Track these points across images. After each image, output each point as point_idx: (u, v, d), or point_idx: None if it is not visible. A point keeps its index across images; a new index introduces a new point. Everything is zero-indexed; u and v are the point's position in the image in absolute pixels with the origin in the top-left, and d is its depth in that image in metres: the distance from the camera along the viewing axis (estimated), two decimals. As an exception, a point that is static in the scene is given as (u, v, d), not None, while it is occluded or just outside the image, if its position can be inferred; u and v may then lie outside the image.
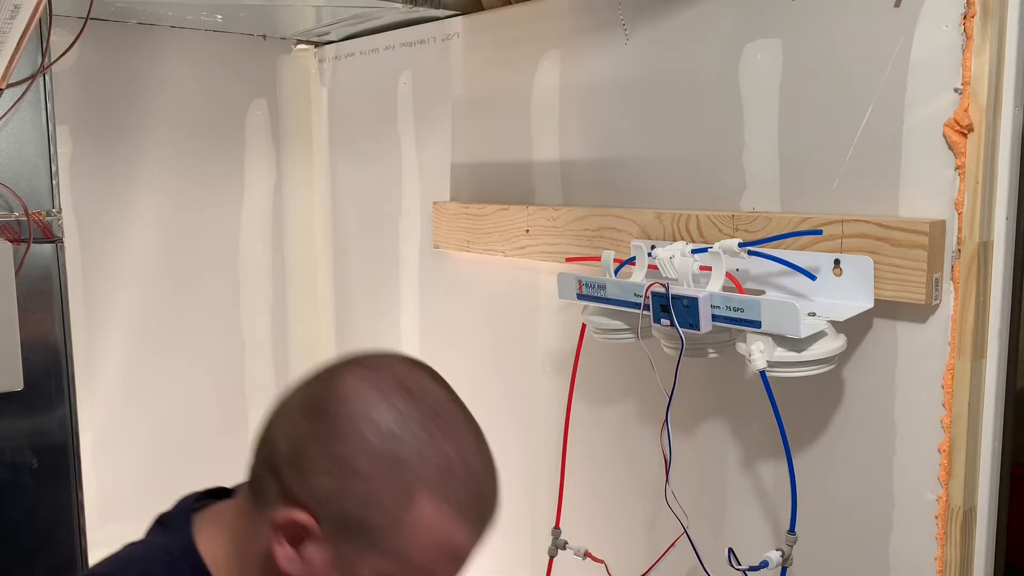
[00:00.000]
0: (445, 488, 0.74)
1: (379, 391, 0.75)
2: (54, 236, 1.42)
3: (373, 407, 0.74)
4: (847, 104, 1.11)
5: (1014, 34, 1.00)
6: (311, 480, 0.73)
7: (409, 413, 0.75)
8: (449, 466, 0.74)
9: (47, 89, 1.42)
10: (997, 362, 1.05)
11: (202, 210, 1.98)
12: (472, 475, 0.76)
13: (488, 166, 1.66)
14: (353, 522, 0.73)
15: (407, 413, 0.74)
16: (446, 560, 0.76)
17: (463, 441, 0.77)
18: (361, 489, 0.73)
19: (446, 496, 0.74)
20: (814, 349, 1.03)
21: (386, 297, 1.96)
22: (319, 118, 2.13)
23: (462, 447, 0.76)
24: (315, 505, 0.73)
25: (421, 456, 0.73)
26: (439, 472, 0.74)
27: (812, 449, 1.18)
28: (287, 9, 1.80)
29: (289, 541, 0.75)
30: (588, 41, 1.45)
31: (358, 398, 0.75)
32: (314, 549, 0.74)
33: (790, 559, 1.13)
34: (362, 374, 0.77)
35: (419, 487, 0.73)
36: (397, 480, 0.73)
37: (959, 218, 1.02)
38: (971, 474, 1.05)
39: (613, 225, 1.35)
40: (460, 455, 0.75)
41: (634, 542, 1.43)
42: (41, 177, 1.43)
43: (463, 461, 0.76)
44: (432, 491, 0.73)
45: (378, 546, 0.74)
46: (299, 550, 0.75)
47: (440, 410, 0.77)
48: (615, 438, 1.46)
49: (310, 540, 0.74)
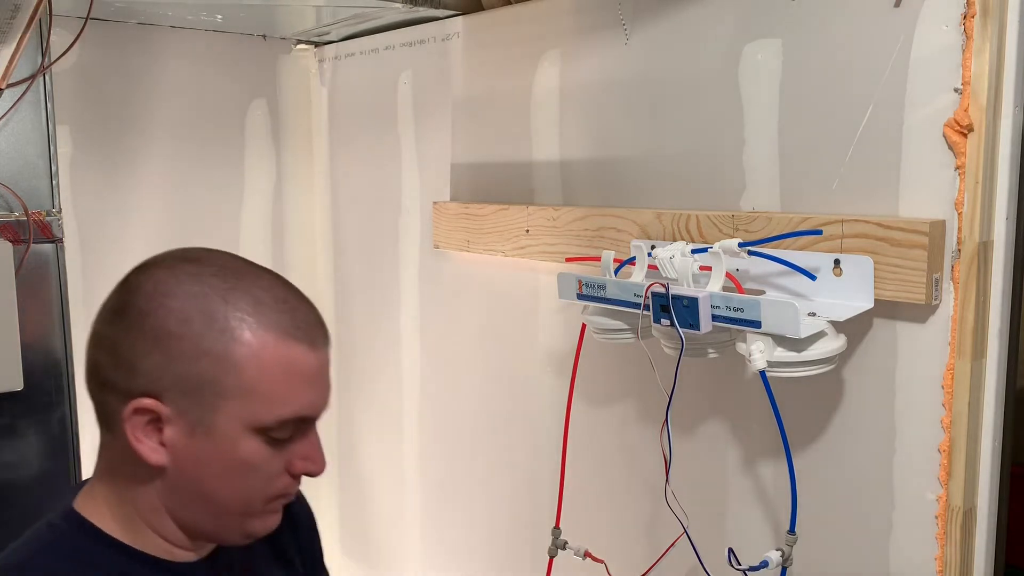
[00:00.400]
0: (260, 317, 0.76)
1: (165, 268, 0.78)
2: (54, 236, 1.42)
3: (164, 281, 0.77)
4: (847, 104, 1.11)
5: (1014, 34, 1.00)
6: (138, 367, 0.75)
7: (200, 272, 0.77)
8: (256, 298, 0.77)
9: (47, 89, 1.42)
10: (997, 362, 1.05)
11: (202, 210, 1.98)
12: (280, 299, 0.79)
13: (488, 166, 1.66)
14: (191, 382, 0.75)
15: (199, 273, 0.77)
16: (292, 378, 0.78)
17: (261, 278, 0.80)
18: (185, 348, 0.75)
19: (264, 324, 0.76)
20: (814, 349, 1.03)
21: (386, 297, 1.96)
22: (319, 118, 2.13)
23: (262, 283, 0.79)
24: (152, 386, 0.75)
25: (226, 299, 0.76)
26: (249, 306, 0.76)
27: (812, 449, 1.18)
28: (287, 9, 1.80)
29: (146, 434, 0.76)
30: (588, 41, 1.45)
31: (148, 282, 0.77)
32: (171, 430, 0.76)
33: (790, 559, 1.13)
34: (143, 267, 0.80)
35: (236, 324, 0.76)
36: (213, 326, 0.75)
37: (959, 218, 1.02)
38: (971, 474, 1.05)
39: (613, 225, 1.35)
40: (263, 288, 0.78)
41: (634, 542, 1.43)
42: (41, 177, 1.43)
43: (268, 292, 0.78)
44: (249, 324, 0.76)
45: (224, 394, 0.76)
46: (160, 439, 0.77)
47: (229, 263, 0.80)
48: (615, 438, 1.46)
49: (164, 423, 0.76)
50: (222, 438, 0.76)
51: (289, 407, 0.78)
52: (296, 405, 0.78)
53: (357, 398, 2.12)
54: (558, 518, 1.39)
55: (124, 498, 0.81)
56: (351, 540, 2.23)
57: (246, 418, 0.76)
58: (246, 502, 0.80)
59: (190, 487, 0.78)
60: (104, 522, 0.81)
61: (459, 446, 1.81)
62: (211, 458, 0.77)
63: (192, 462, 0.77)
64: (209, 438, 0.76)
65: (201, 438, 0.76)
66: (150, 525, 0.81)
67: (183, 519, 0.81)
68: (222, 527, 0.82)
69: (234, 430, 0.76)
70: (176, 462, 0.77)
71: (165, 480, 0.78)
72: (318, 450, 0.83)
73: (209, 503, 0.79)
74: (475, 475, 1.78)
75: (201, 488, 0.78)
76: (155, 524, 0.81)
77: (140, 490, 0.80)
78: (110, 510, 0.81)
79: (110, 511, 0.81)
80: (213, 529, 0.82)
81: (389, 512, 2.05)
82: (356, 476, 2.15)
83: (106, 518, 0.81)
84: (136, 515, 0.80)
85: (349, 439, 2.16)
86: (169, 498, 0.79)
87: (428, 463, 1.91)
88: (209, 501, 0.79)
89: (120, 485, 0.81)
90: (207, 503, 0.80)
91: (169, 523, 0.81)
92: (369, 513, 2.14)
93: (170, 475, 0.78)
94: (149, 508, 0.80)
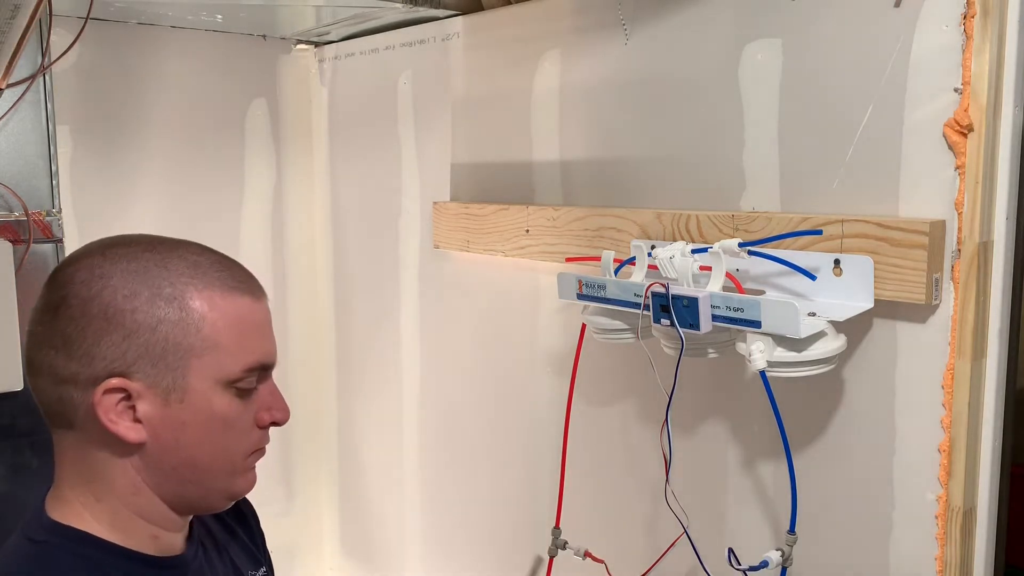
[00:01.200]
0: (202, 278, 0.79)
1: (96, 255, 0.79)
2: (54, 236, 1.42)
3: (99, 266, 0.78)
4: (847, 104, 1.11)
5: (1014, 34, 1.00)
6: (95, 352, 0.76)
7: (132, 251, 0.79)
8: (193, 263, 0.80)
9: (47, 89, 1.42)
10: (997, 362, 1.04)
11: (202, 210, 1.98)
12: (215, 260, 0.82)
13: (488, 166, 1.66)
14: (155, 351, 0.76)
15: (130, 252, 0.79)
16: (246, 329, 0.81)
17: (191, 246, 0.83)
18: (139, 320, 0.76)
19: (207, 283, 0.79)
20: (814, 349, 1.03)
21: (386, 297, 1.96)
22: (319, 118, 2.13)
23: (193, 248, 0.82)
24: (115, 366, 0.76)
25: (166, 267, 0.78)
26: (189, 269, 0.79)
27: (812, 449, 1.18)
28: (287, 9, 1.80)
29: (119, 415, 0.77)
30: (588, 41, 1.45)
31: (81, 271, 0.78)
32: (144, 404, 0.77)
33: (790, 559, 1.13)
34: (69, 261, 0.80)
35: (182, 288, 0.78)
36: (161, 294, 0.77)
37: (959, 218, 1.02)
38: (971, 474, 1.05)
39: (613, 225, 1.35)
40: (196, 253, 0.81)
41: (634, 542, 1.43)
42: (41, 177, 1.43)
43: (202, 256, 0.81)
44: (195, 285, 0.78)
45: (190, 353, 0.77)
46: (134, 416, 0.77)
47: (156, 239, 0.82)
48: (615, 438, 1.46)
49: (135, 399, 0.77)
50: (197, 398, 0.78)
51: (251, 355, 0.81)
52: (256, 353, 0.81)
53: (357, 398, 2.12)
54: (558, 518, 1.39)
55: (101, 493, 0.80)
56: (351, 540, 2.23)
57: (215, 373, 0.78)
58: (228, 459, 0.82)
59: (172, 456, 0.79)
60: (89, 525, 0.80)
61: (459, 446, 1.81)
62: (189, 421, 0.78)
63: (171, 430, 0.78)
64: (184, 402, 0.78)
65: (176, 404, 0.77)
66: (134, 510, 0.80)
67: (168, 492, 0.81)
68: (208, 491, 0.83)
69: (206, 387, 0.78)
70: (155, 434, 0.78)
71: (144, 457, 0.79)
72: (280, 398, 0.86)
73: (194, 468, 0.80)
74: (475, 475, 1.78)
75: (184, 455, 0.79)
76: (139, 507, 0.80)
77: (117, 477, 0.79)
78: (89, 511, 0.80)
79: (90, 512, 0.80)
80: (199, 495, 0.83)
81: (389, 512, 2.05)
82: (356, 476, 2.16)
83: (88, 520, 0.80)
84: (120, 506, 0.80)
85: (349, 439, 2.16)
86: (151, 475, 0.79)
87: (428, 463, 1.91)
88: (193, 466, 0.80)
89: (93, 482, 0.80)
90: (191, 468, 0.80)
91: (154, 501, 0.81)
92: (369, 513, 2.14)
93: (150, 450, 0.78)
94: (131, 492, 0.80)
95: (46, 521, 0.80)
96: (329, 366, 2.21)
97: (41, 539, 0.79)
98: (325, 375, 2.22)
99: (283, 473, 2.20)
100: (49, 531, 0.80)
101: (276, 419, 0.85)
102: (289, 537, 2.23)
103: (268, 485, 2.05)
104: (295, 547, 2.25)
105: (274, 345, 0.85)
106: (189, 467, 0.80)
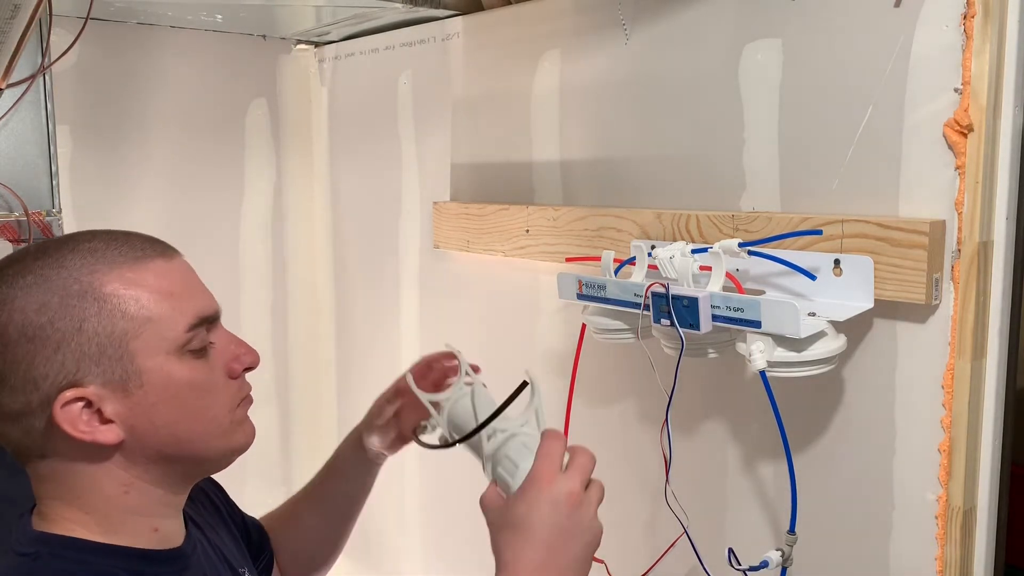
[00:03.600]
0: (104, 261, 0.77)
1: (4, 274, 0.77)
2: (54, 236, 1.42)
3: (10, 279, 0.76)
4: (847, 104, 1.11)
5: (1014, 34, 1.00)
6: (36, 376, 0.74)
7: (21, 267, 0.77)
8: (88, 250, 0.78)
9: (47, 89, 1.42)
10: (997, 362, 1.04)
11: (202, 210, 1.98)
12: (109, 238, 0.80)
13: (488, 166, 1.66)
14: (92, 351, 0.75)
15: (20, 269, 0.77)
16: (168, 290, 0.79)
17: (78, 236, 0.81)
18: (62, 328, 0.74)
19: (111, 264, 0.77)
20: (814, 349, 1.03)
21: (386, 297, 1.96)
22: (319, 118, 2.13)
23: (82, 237, 0.80)
24: (60, 379, 0.74)
25: (63, 267, 0.76)
26: (87, 257, 0.77)
27: (812, 449, 1.18)
28: (287, 9, 1.80)
29: (88, 423, 0.75)
30: (588, 41, 1.45)
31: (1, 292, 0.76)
32: (107, 403, 0.76)
33: (790, 559, 1.13)
34: None
35: (89, 280, 0.76)
36: (71, 294, 0.75)
37: (959, 218, 1.02)
38: (971, 474, 1.05)
39: (613, 225, 1.35)
40: (88, 240, 0.79)
41: (634, 542, 1.43)
42: (41, 177, 1.43)
43: (93, 240, 0.79)
44: (100, 271, 0.77)
45: (124, 339, 0.76)
46: (101, 419, 0.76)
47: (42, 246, 0.80)
48: (615, 438, 1.46)
49: (97, 402, 0.75)
50: (155, 377, 0.77)
51: (187, 315, 0.79)
52: (191, 310, 0.79)
53: (357, 398, 2.12)
54: (558, 518, 1.38)
55: (89, 506, 0.78)
56: (351, 540, 2.22)
57: (160, 345, 0.77)
58: (214, 421, 0.81)
59: (155, 441, 0.78)
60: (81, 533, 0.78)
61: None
62: (158, 402, 0.77)
63: (145, 417, 0.77)
64: (145, 386, 0.76)
65: (137, 391, 0.76)
66: (129, 508, 0.79)
67: (161, 475, 0.80)
68: (205, 457, 0.82)
69: (160, 363, 0.77)
70: (131, 428, 0.76)
71: (126, 453, 0.78)
72: (242, 343, 0.84)
73: (180, 443, 0.79)
74: (475, 475, 1.77)
75: (167, 434, 0.78)
76: (133, 504, 0.79)
77: (104, 484, 0.78)
78: (78, 523, 0.78)
79: (79, 523, 0.78)
80: (196, 463, 0.82)
81: (389, 512, 2.05)
82: (356, 476, 2.15)
83: (79, 530, 0.78)
84: (111, 511, 0.78)
85: (349, 439, 2.16)
86: (138, 467, 0.78)
87: (428, 463, 1.91)
88: (179, 441, 0.79)
89: (79, 498, 0.78)
90: (178, 444, 0.79)
91: (148, 492, 0.80)
92: (369, 513, 2.14)
93: (130, 444, 0.77)
94: (121, 492, 0.78)
95: (33, 533, 0.78)
96: (329, 366, 2.21)
97: (30, 551, 0.77)
98: (325, 375, 2.22)
99: (283, 473, 2.20)
100: (38, 542, 0.78)
101: (247, 363, 0.83)
102: (289, 537, 2.23)
103: (268, 485, 2.05)
104: (295, 547, 2.25)
105: (209, 296, 0.82)
106: (175, 444, 0.79)
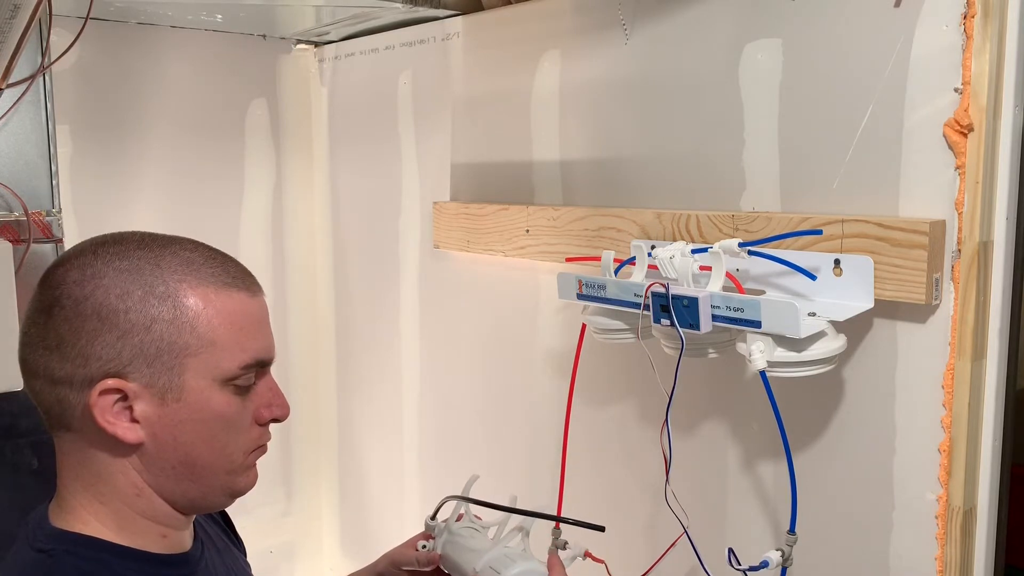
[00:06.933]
0: (196, 275, 0.78)
1: (88, 255, 0.78)
2: (54, 236, 1.42)
3: (91, 265, 0.76)
4: (847, 104, 1.11)
5: (1014, 34, 1.00)
6: (90, 352, 0.75)
7: (123, 249, 0.77)
8: (186, 259, 0.78)
9: (47, 89, 1.42)
10: (997, 362, 1.04)
11: (202, 209, 1.98)
12: (209, 256, 0.80)
13: (488, 166, 1.66)
14: (150, 351, 0.75)
15: (122, 250, 0.77)
16: (242, 325, 0.79)
17: (184, 242, 0.81)
18: (133, 320, 0.75)
19: (201, 280, 0.78)
20: (814, 349, 1.03)
21: (386, 297, 1.96)
22: (319, 118, 2.13)
23: (186, 245, 0.81)
24: (110, 366, 0.75)
25: (158, 265, 0.77)
26: (182, 266, 0.78)
27: (812, 449, 1.18)
28: (287, 9, 1.80)
29: (116, 416, 0.76)
30: (588, 41, 1.45)
31: (73, 271, 0.77)
32: (141, 404, 0.76)
33: (790, 559, 1.13)
34: (61, 261, 0.79)
35: (175, 286, 0.77)
36: (154, 292, 0.76)
37: (959, 218, 1.02)
38: (971, 474, 1.05)
39: (613, 225, 1.35)
40: (189, 250, 0.80)
41: (634, 542, 1.43)
42: (41, 177, 1.43)
43: (195, 252, 0.80)
44: (188, 282, 0.77)
45: (185, 352, 0.76)
46: (131, 416, 0.76)
47: (147, 236, 0.80)
48: (615, 438, 1.46)
49: (132, 399, 0.76)
50: (194, 397, 0.77)
51: (248, 352, 0.79)
52: (253, 350, 0.80)
53: (357, 398, 2.12)
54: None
55: (104, 496, 0.79)
56: (351, 540, 2.23)
57: (211, 371, 0.77)
58: (228, 457, 0.81)
59: (172, 456, 0.78)
60: (95, 529, 0.79)
61: (459, 446, 1.81)
62: (187, 420, 0.77)
63: (169, 430, 0.77)
64: (181, 401, 0.77)
65: (173, 404, 0.76)
66: (138, 511, 0.80)
67: (169, 491, 0.80)
68: (208, 490, 0.82)
69: (203, 386, 0.77)
70: (153, 435, 0.77)
71: (144, 457, 0.78)
72: (279, 395, 0.85)
73: (193, 467, 0.79)
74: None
75: (183, 453, 0.78)
76: (143, 508, 0.80)
77: (118, 478, 0.79)
78: (94, 516, 0.79)
79: (95, 517, 0.79)
80: (200, 493, 0.82)
81: (389, 512, 2.05)
82: (356, 476, 2.16)
83: (94, 525, 0.79)
84: (124, 508, 0.79)
85: (349, 439, 2.16)
86: (151, 475, 0.79)
87: (428, 463, 1.91)
88: (193, 465, 0.79)
89: (96, 484, 0.79)
90: (191, 468, 0.79)
91: (157, 502, 0.80)
92: (369, 513, 2.14)
93: (149, 449, 0.77)
94: (133, 493, 0.79)
95: (50, 529, 0.79)
96: (329, 366, 2.21)
97: (47, 547, 0.78)
98: (325, 375, 2.22)
99: (283, 473, 2.20)
100: (55, 539, 0.78)
101: (276, 415, 0.84)
102: (289, 537, 2.23)
103: (268, 485, 2.05)
104: (295, 547, 2.25)
105: (272, 341, 0.84)
106: (188, 466, 0.79)
